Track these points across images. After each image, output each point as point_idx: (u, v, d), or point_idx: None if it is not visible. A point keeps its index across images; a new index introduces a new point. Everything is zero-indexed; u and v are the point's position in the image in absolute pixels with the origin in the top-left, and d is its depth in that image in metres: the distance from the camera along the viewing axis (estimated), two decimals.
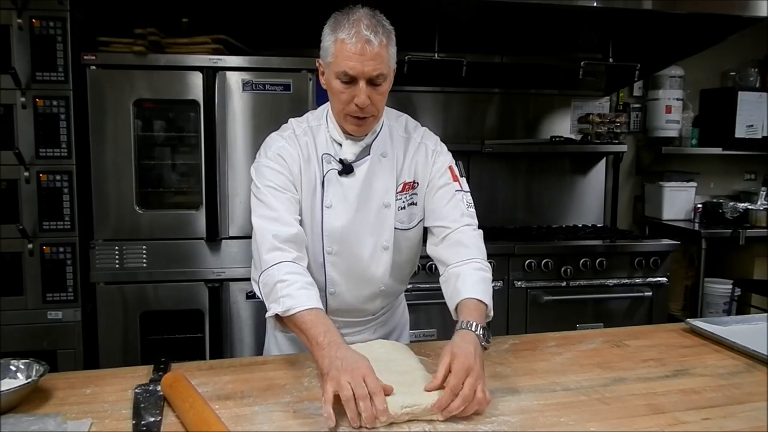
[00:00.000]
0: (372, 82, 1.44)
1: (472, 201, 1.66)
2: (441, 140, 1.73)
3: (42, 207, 2.74)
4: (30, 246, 2.73)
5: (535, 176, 4.00)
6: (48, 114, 2.71)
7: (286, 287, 1.39)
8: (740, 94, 4.06)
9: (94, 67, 2.72)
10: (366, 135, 1.56)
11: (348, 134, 1.55)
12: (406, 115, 1.71)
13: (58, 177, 2.74)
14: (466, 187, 1.67)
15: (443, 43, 3.30)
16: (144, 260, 2.83)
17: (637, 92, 4.18)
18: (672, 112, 4.04)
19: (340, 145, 1.57)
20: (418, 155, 1.63)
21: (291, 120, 1.65)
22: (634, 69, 3.47)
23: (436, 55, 3.30)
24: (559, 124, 4.05)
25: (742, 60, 4.27)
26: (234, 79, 2.82)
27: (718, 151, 4.11)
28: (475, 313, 1.41)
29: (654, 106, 4.09)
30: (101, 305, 2.82)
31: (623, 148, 3.93)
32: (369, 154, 1.57)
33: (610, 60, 3.49)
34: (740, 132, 4.07)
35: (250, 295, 2.87)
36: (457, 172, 1.67)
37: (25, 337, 2.75)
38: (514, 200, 3.99)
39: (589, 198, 4.10)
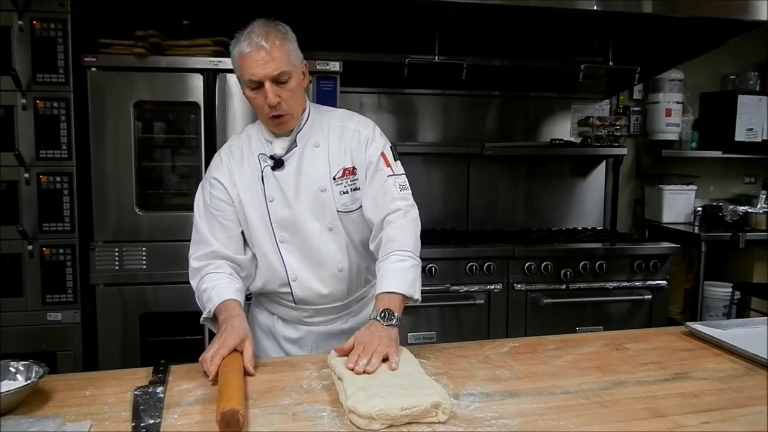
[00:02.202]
0: (277, 81, 1.57)
1: (406, 182, 1.73)
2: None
3: (42, 208, 2.74)
4: (30, 247, 2.73)
5: (535, 179, 4.00)
6: (48, 115, 2.71)
7: (207, 293, 1.61)
8: (740, 97, 4.06)
9: (94, 69, 2.73)
10: (291, 131, 1.68)
11: (276, 134, 1.69)
12: (342, 109, 1.83)
13: (58, 178, 2.74)
14: (400, 170, 1.74)
15: (443, 46, 3.30)
16: (144, 262, 2.83)
17: (637, 95, 4.19)
18: (672, 116, 4.04)
19: (271, 143, 1.69)
20: (352, 142, 1.72)
21: (233, 135, 1.81)
22: (635, 72, 3.48)
23: (436, 58, 3.30)
24: (559, 127, 4.05)
25: (742, 63, 4.28)
26: (234, 81, 2.81)
27: (718, 154, 4.12)
28: (382, 304, 1.54)
29: (654, 110, 4.09)
30: (101, 307, 2.82)
31: (623, 151, 3.93)
32: (297, 146, 1.69)
33: (611, 63, 3.49)
34: (740, 135, 4.07)
35: (249, 297, 2.86)
36: (390, 157, 1.73)
37: (24, 338, 2.75)
38: (514, 203, 3.99)
39: (589, 201, 4.10)
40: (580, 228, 3.99)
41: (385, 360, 1.38)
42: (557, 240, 3.50)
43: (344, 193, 1.70)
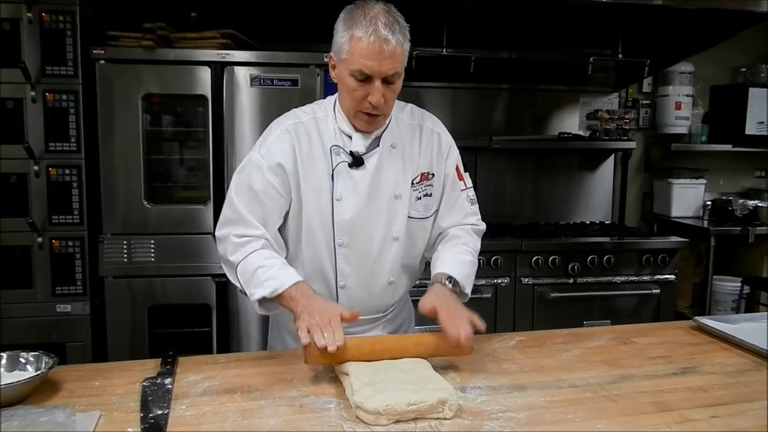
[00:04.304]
0: (386, 81, 1.44)
1: (474, 195, 1.74)
2: None
3: (51, 201, 2.75)
4: (39, 240, 2.75)
5: (543, 172, 3.99)
6: (57, 108, 2.72)
7: (266, 271, 1.47)
8: (751, 90, 4.01)
9: (103, 62, 2.73)
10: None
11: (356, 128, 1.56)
12: (410, 104, 1.71)
13: (67, 171, 2.75)
14: (469, 182, 1.73)
15: (451, 38, 3.29)
16: (152, 254, 2.84)
17: (646, 88, 4.15)
18: (682, 109, 4.01)
19: (350, 137, 1.56)
20: (431, 146, 1.65)
21: (294, 110, 1.62)
22: (644, 65, 3.45)
23: (444, 51, 3.29)
24: (567, 120, 4.03)
25: (753, 56, 4.23)
26: (242, 74, 2.82)
27: (728, 147, 4.08)
28: (442, 277, 1.56)
29: (663, 103, 4.06)
30: (109, 299, 2.84)
31: (632, 144, 3.91)
32: (378, 146, 1.57)
33: (620, 56, 3.46)
34: (750, 129, 4.03)
35: None
36: (461, 169, 1.71)
37: (34, 329, 2.77)
38: (522, 196, 3.98)
39: (597, 195, 4.08)
40: (588, 222, 3.98)
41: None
42: (565, 234, 3.49)
43: (418, 198, 1.62)
